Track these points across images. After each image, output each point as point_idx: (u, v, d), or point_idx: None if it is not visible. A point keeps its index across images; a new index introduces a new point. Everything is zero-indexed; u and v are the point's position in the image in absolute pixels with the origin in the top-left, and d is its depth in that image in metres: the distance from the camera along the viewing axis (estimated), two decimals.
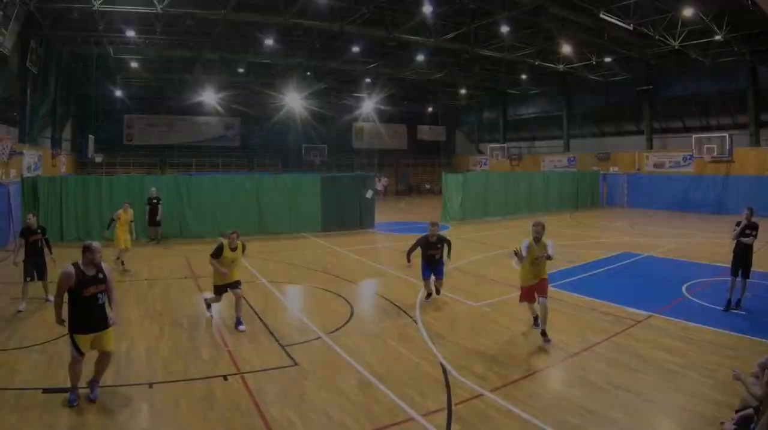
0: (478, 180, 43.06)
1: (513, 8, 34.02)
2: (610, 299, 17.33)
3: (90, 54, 45.90)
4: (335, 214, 34.45)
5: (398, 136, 79.89)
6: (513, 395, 10.26)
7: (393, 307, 16.90)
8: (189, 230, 31.29)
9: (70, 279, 9.84)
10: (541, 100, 66.74)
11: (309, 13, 35.60)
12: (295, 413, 9.78)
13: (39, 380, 10.90)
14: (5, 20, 27.04)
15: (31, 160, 35.04)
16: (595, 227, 38.56)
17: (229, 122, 68.58)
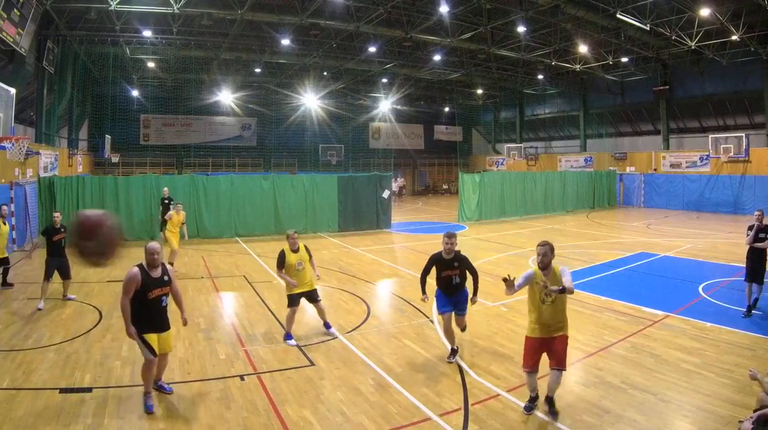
0: (494, 180, 42.92)
1: (530, 8, 33.93)
2: (627, 299, 17.31)
3: (106, 54, 46.11)
4: (352, 214, 34.47)
5: (415, 136, 79.79)
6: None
7: (410, 307, 16.94)
8: (206, 231, 31.36)
9: (136, 281, 9.90)
10: (557, 100, 66.64)
11: (326, 13, 35.70)
12: (312, 413, 9.80)
13: (56, 379, 10.95)
14: (22, 20, 27.12)
15: (47, 160, 35.06)
16: (611, 226, 38.53)
17: (246, 122, 68.56)
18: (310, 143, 70.46)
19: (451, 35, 39.53)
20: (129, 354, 12.51)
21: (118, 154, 55.08)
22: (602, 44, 43.10)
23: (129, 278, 9.89)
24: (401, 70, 53.17)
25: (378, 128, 76.87)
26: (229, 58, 48.44)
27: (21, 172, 28.37)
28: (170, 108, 63.45)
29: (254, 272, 22.46)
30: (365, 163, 73.05)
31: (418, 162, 79.75)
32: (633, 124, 58.36)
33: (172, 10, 31.42)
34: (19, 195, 26.81)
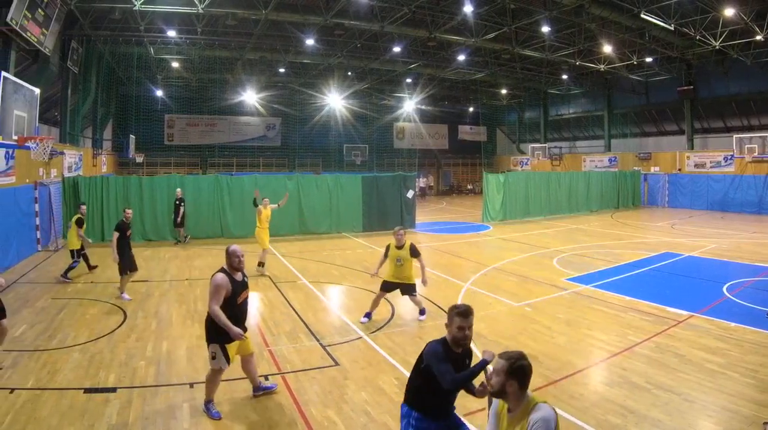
0: (519, 180, 42.91)
1: (554, 8, 33.85)
2: (651, 299, 17.26)
3: (131, 54, 46.20)
4: (376, 214, 34.50)
5: (439, 136, 79.59)
6: (554, 395, 10.22)
7: (434, 306, 16.90)
8: (230, 231, 31.50)
9: (227, 287, 9.74)
10: (582, 100, 66.41)
11: (350, 12, 35.74)
12: (336, 413, 9.84)
13: (80, 380, 11.01)
14: (46, 20, 27.23)
15: (72, 160, 35.17)
16: (636, 226, 38.35)
17: (270, 122, 68.63)
18: (334, 143, 70.50)
19: (476, 35, 39.44)
20: (153, 354, 12.62)
21: (142, 154, 55.23)
22: (626, 44, 42.95)
23: (219, 284, 9.72)
24: (425, 70, 53.16)
25: (402, 128, 76.77)
26: (253, 58, 48.51)
27: (45, 172, 28.50)
28: (194, 108, 63.62)
29: (279, 272, 22.51)
30: (390, 163, 73.01)
31: (443, 162, 79.55)
32: (657, 124, 58.15)
33: (197, 10, 31.52)
34: (43, 195, 26.97)
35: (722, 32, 36.49)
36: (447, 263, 23.43)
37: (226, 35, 41.62)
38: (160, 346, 13.14)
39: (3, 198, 21.64)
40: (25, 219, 24.96)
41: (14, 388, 10.54)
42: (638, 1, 32.57)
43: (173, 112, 63.47)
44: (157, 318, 15.64)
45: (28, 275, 21.30)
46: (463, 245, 29.77)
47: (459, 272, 21.87)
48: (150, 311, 16.34)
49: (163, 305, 17.19)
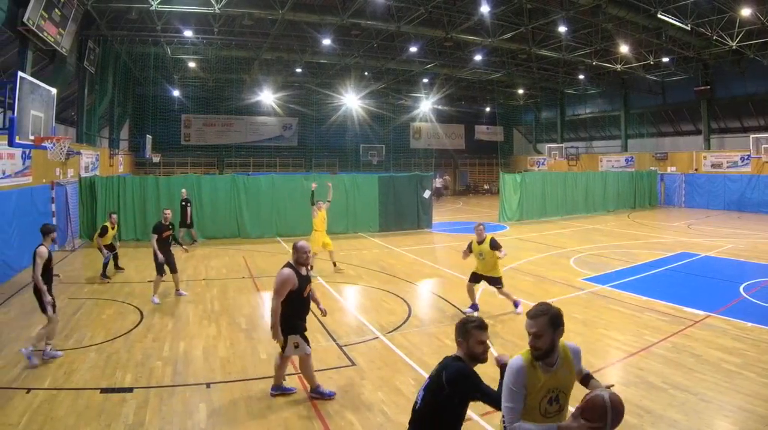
0: (535, 180, 42.85)
1: (571, 8, 33.75)
2: (668, 299, 17.22)
3: (147, 54, 46.38)
4: (393, 214, 34.46)
5: (456, 136, 79.55)
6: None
7: (451, 307, 16.91)
8: (246, 231, 31.56)
9: (293, 282, 10.14)
10: (598, 100, 66.22)
11: (366, 13, 35.71)
12: (353, 413, 9.86)
13: (97, 380, 11.05)
14: (63, 20, 27.31)
15: (88, 160, 35.28)
16: (652, 226, 38.29)
17: (287, 122, 68.76)
18: (351, 143, 70.70)
19: (492, 35, 39.35)
20: (170, 354, 12.66)
21: (159, 155, 55.32)
22: (643, 44, 42.79)
23: (285, 280, 10.12)
24: (442, 70, 53.13)
25: (419, 128, 76.79)
26: (270, 58, 48.64)
27: (62, 172, 28.60)
28: (211, 108, 63.95)
29: None
30: (406, 163, 72.88)
31: (459, 162, 79.51)
32: (674, 125, 57.95)
33: (213, 10, 31.55)
34: (60, 195, 27.08)
35: (739, 32, 36.37)
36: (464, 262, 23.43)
37: (243, 35, 41.70)
38: (177, 346, 13.20)
39: (20, 198, 21.71)
40: (42, 219, 24.91)
41: (31, 388, 10.58)
42: (655, 1, 32.50)
43: (190, 112, 63.85)
44: (174, 318, 15.70)
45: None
46: None
47: None
48: (167, 311, 16.41)
49: (179, 304, 17.27)
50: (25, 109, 16.00)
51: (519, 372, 5.49)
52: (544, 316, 5.70)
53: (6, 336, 13.71)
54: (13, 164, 21.89)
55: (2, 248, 19.75)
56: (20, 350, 12.31)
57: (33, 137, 16.70)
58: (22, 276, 20.88)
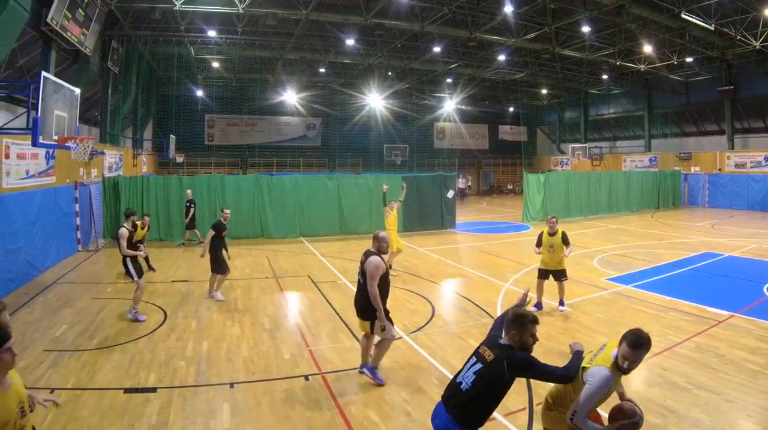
0: (559, 180, 42.76)
1: (594, 8, 33.70)
2: (692, 299, 17.15)
3: (171, 54, 46.65)
4: (416, 214, 34.36)
5: (479, 136, 79.37)
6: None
7: (474, 307, 16.85)
8: (270, 231, 31.56)
9: (383, 268, 11.13)
10: (622, 100, 65.91)
11: (390, 13, 35.70)
12: (376, 413, 9.87)
13: (120, 379, 11.08)
14: (86, 20, 27.42)
15: (112, 160, 35.38)
16: (676, 226, 38.11)
17: (311, 122, 68.78)
18: (374, 143, 70.59)
19: (516, 35, 39.30)
20: (193, 354, 12.68)
21: (182, 155, 55.60)
22: (667, 44, 42.65)
23: (377, 266, 11.06)
24: (466, 70, 53.07)
25: (443, 128, 76.66)
26: (293, 58, 48.70)
27: (86, 173, 28.68)
28: (235, 108, 64.14)
29: (319, 272, 22.48)
30: (430, 163, 72.82)
31: (483, 162, 79.33)
32: (698, 124, 57.68)
33: (237, 10, 31.67)
34: (83, 195, 27.19)
35: (763, 32, 36.18)
36: (487, 262, 23.36)
37: (267, 35, 41.73)
38: (200, 346, 13.22)
39: (43, 198, 21.79)
40: (66, 219, 25.12)
41: (54, 388, 10.63)
42: (678, 1, 32.39)
43: (213, 112, 63.90)
44: (198, 318, 15.73)
45: (68, 275, 21.48)
46: (503, 245, 29.81)
47: (499, 272, 21.83)
48: (190, 311, 16.43)
49: (203, 304, 17.29)
50: (49, 109, 16.06)
51: (609, 382, 6.32)
52: (647, 350, 6.41)
53: (30, 336, 13.73)
54: (37, 164, 21.99)
55: (26, 248, 19.83)
56: (126, 313, 14.72)
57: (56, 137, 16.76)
58: (46, 276, 21.04)
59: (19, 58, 25.32)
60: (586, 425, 6.28)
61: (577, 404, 6.35)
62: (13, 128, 17.69)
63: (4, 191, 18.59)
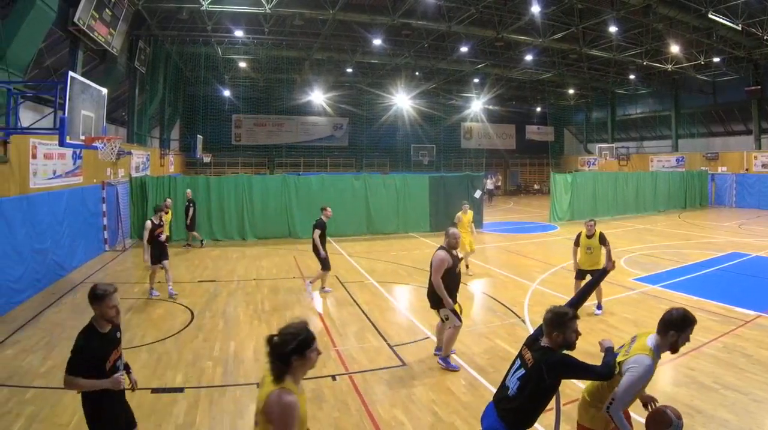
0: (586, 180, 42.62)
1: (621, 8, 33.63)
2: (719, 299, 17.07)
3: (198, 54, 46.78)
4: (443, 214, 33.97)
5: (507, 136, 79.24)
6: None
7: (501, 307, 16.84)
8: (296, 231, 31.55)
9: (447, 261, 11.55)
10: (649, 100, 65.67)
11: (417, 13, 35.76)
12: (404, 413, 9.86)
13: (147, 380, 11.08)
14: (114, 20, 27.57)
15: (139, 160, 35.50)
16: (703, 226, 37.92)
17: (338, 122, 68.95)
18: (401, 143, 70.69)
19: (543, 35, 39.23)
20: (220, 354, 12.73)
21: (210, 155, 55.78)
22: (694, 44, 42.45)
23: (441, 259, 11.53)
24: (493, 70, 53.04)
25: (470, 128, 76.62)
26: (320, 58, 48.88)
27: (113, 173, 28.78)
28: (262, 108, 64.49)
29: (346, 272, 22.50)
30: (457, 163, 72.79)
31: (510, 162, 79.25)
32: (725, 124, 57.37)
33: (264, 10, 31.81)
34: (110, 195, 27.29)
35: None
36: (514, 262, 23.33)
37: (294, 35, 41.91)
38: (228, 346, 13.26)
39: (71, 198, 21.88)
40: (93, 219, 25.21)
41: None
42: (705, 1, 32.25)
43: (241, 112, 64.30)
44: (225, 318, 15.77)
45: (96, 275, 21.55)
46: (531, 245, 29.74)
47: (526, 272, 21.78)
48: (217, 311, 16.48)
49: (230, 304, 17.34)
50: (76, 109, 16.13)
51: (651, 370, 6.40)
52: (693, 324, 6.98)
53: (58, 336, 13.80)
54: (64, 164, 22.08)
55: (53, 248, 19.91)
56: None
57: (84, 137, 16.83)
58: (73, 276, 21.14)
59: (46, 58, 25.47)
60: (621, 419, 6.30)
61: (616, 393, 6.40)
62: (40, 128, 17.79)
63: (32, 191, 18.69)
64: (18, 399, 10.03)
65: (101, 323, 6.89)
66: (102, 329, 6.89)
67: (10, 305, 15.85)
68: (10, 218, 16.24)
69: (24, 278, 17.12)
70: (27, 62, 19.89)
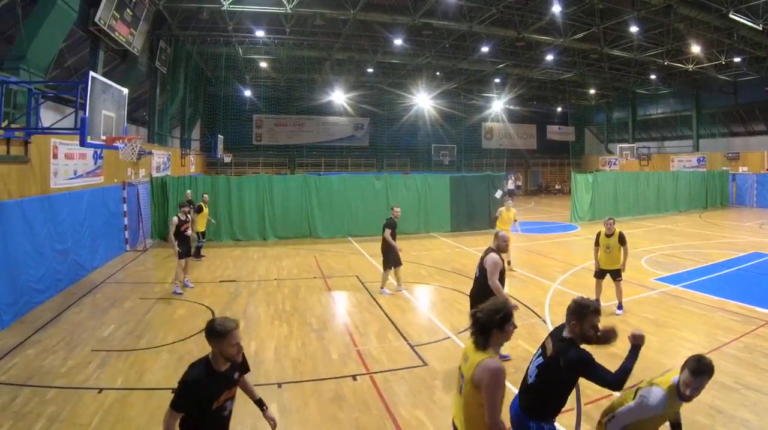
0: (607, 180, 42.51)
1: (642, 8, 33.57)
2: (740, 299, 17.01)
3: (219, 54, 47.04)
4: (464, 214, 34.28)
5: (527, 136, 79.15)
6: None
7: (522, 306, 16.61)
8: (317, 231, 31.58)
9: (500, 265, 11.72)
10: (670, 100, 65.45)
11: (438, 13, 35.77)
12: (425, 414, 9.83)
13: (169, 380, 11.06)
14: (134, 20, 27.67)
15: (160, 160, 35.54)
16: (724, 226, 37.84)
17: (358, 122, 69.05)
18: (422, 143, 70.74)
19: (564, 35, 39.18)
20: None
21: (230, 154, 55.88)
22: (715, 44, 42.32)
23: (495, 263, 11.65)
24: (514, 70, 52.99)
25: (491, 128, 76.57)
26: (341, 58, 48.99)
27: (133, 172, 28.84)
28: (283, 108, 64.63)
29: (367, 272, 22.44)
30: (478, 163, 72.84)
31: (531, 162, 79.22)
32: (746, 124, 57.18)
33: (285, 10, 31.87)
34: (131, 195, 27.36)
35: None
36: (535, 262, 23.28)
37: (315, 35, 42.03)
38: (248, 346, 13.18)
39: (91, 198, 21.93)
40: (113, 219, 25.27)
41: (102, 388, 10.70)
42: (726, 1, 32.13)
43: (261, 112, 64.49)
44: (245, 318, 15.74)
45: (116, 275, 21.63)
46: (551, 245, 29.72)
47: (547, 272, 21.77)
48: (238, 311, 16.45)
49: (251, 304, 17.36)
50: (97, 109, 16.16)
51: (662, 404, 6.26)
52: (709, 377, 6.30)
53: (78, 336, 13.84)
54: (85, 164, 22.14)
55: (74, 248, 19.96)
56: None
57: (104, 137, 16.86)
58: (94, 276, 21.21)
59: (67, 58, 25.59)
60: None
61: (619, 411, 6.45)
62: (61, 128, 17.84)
63: (53, 191, 18.75)
64: (39, 399, 10.06)
65: (219, 361, 6.53)
66: (219, 367, 6.54)
67: (31, 305, 15.90)
68: (31, 218, 16.29)
69: (45, 278, 17.19)
70: (48, 62, 19.96)
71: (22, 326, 14.68)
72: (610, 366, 6.27)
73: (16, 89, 16.78)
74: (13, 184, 15.95)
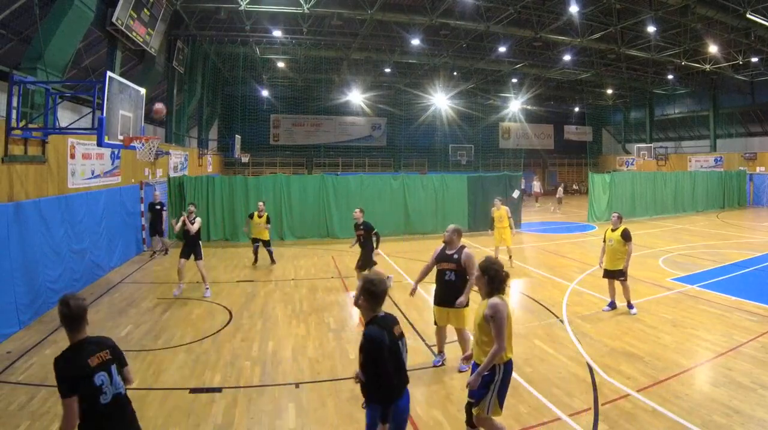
0: (625, 180, 42.26)
1: (659, 8, 33.55)
2: (757, 299, 16.93)
3: (236, 54, 47.04)
4: (481, 214, 33.79)
5: (545, 136, 79.12)
6: (659, 395, 10.13)
7: (539, 306, 16.78)
8: (335, 231, 31.56)
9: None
10: (687, 100, 65.30)
11: (455, 13, 35.83)
12: (442, 413, 9.84)
13: (185, 380, 11.18)
14: (152, 20, 27.77)
15: (177, 160, 35.63)
16: (742, 226, 37.71)
17: (376, 122, 69.13)
18: (439, 143, 70.58)
19: (581, 35, 39.14)
20: (259, 354, 12.76)
21: (248, 154, 55.80)
22: (732, 44, 42.23)
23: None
24: (531, 70, 52.96)
25: (508, 128, 76.55)
26: (358, 58, 49.05)
27: (151, 173, 28.91)
28: (300, 108, 64.69)
29: (384, 271, 22.12)
30: (495, 163, 72.57)
31: (548, 162, 79.09)
32: (763, 124, 56.95)
33: (302, 10, 31.91)
34: (149, 195, 27.35)
35: None
36: (552, 262, 23.24)
37: (332, 35, 42.08)
38: (266, 346, 13.28)
39: (109, 198, 21.99)
40: (131, 219, 25.32)
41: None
42: (744, 0, 32.05)
43: (279, 112, 64.72)
44: (263, 318, 15.78)
45: (133, 276, 21.73)
46: (569, 245, 29.69)
47: (564, 272, 21.74)
48: (255, 311, 16.50)
49: (268, 305, 17.36)
50: (114, 109, 16.18)
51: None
52: None
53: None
54: (102, 164, 22.21)
55: (91, 248, 20.01)
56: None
57: (122, 137, 16.89)
58: (111, 276, 21.32)
59: (85, 58, 25.75)
60: None
61: None
62: (78, 128, 17.88)
63: (70, 191, 18.80)
64: (56, 399, 9.90)
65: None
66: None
67: (49, 305, 15.90)
68: (48, 218, 16.33)
69: (62, 278, 17.21)
70: (65, 62, 20.04)
71: (40, 325, 14.74)
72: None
73: (34, 89, 16.86)
74: (31, 185, 16.01)
